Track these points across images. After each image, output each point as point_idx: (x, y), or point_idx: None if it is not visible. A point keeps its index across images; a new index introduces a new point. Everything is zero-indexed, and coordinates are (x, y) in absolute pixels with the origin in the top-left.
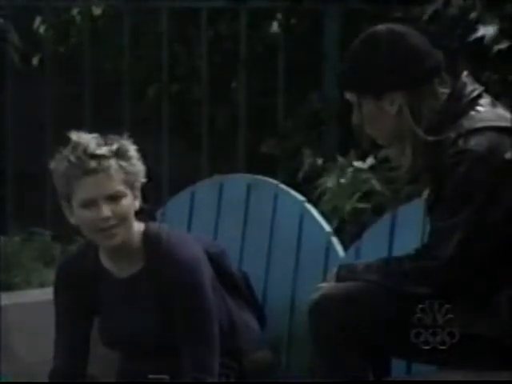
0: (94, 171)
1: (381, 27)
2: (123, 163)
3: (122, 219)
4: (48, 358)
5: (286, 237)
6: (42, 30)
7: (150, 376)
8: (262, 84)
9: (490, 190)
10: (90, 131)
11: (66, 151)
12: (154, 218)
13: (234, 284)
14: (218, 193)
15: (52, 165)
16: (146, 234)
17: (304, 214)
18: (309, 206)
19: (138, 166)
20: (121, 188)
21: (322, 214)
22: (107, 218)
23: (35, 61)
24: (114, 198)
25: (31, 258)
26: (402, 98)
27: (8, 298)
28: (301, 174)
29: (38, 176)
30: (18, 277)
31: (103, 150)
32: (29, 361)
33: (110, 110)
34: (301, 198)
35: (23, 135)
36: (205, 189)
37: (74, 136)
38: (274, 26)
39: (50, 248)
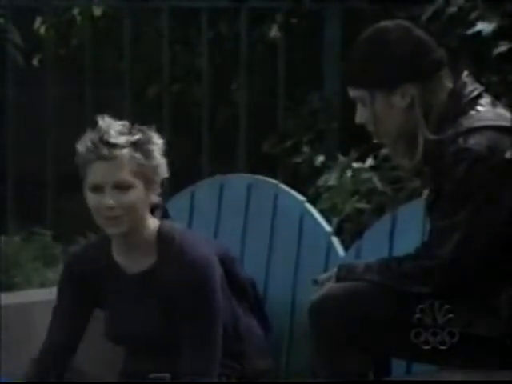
0: (105, 158)
1: (386, 22)
2: (138, 155)
3: (128, 210)
4: None
5: (287, 237)
6: (42, 30)
7: (152, 375)
8: (262, 84)
9: (489, 190)
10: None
11: (90, 134)
12: (167, 216)
13: (240, 289)
14: (218, 193)
15: (77, 145)
16: (160, 232)
17: (304, 214)
18: (309, 206)
19: (157, 161)
20: (129, 178)
21: (321, 211)
22: (111, 207)
23: (35, 61)
24: (122, 187)
25: (31, 258)
26: (414, 89)
27: (8, 298)
28: (302, 170)
29: (38, 176)
30: (17, 277)
31: (119, 139)
32: (29, 361)
33: (111, 110)
34: (301, 197)
35: (24, 135)
36: (205, 189)
37: (101, 121)
38: (275, 27)
39: (50, 248)
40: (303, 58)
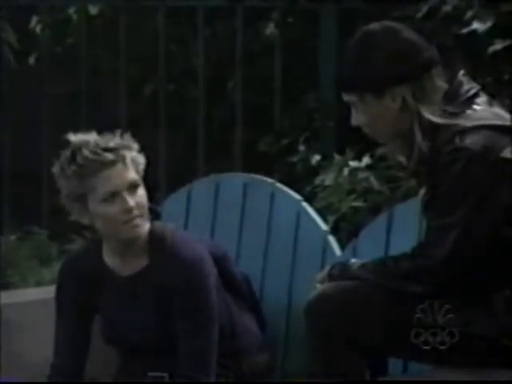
0: (112, 163)
1: (374, 25)
2: (132, 154)
3: (143, 209)
4: (45, 357)
5: (283, 236)
6: (38, 29)
7: (150, 374)
8: (258, 83)
9: (485, 188)
10: (87, 130)
11: (69, 152)
12: (158, 216)
13: (235, 287)
14: (214, 192)
15: (56, 169)
16: (151, 233)
17: (301, 213)
18: (305, 205)
19: (142, 158)
20: (137, 177)
21: (317, 210)
22: (131, 209)
23: (31, 60)
24: (133, 187)
25: (27, 257)
26: (404, 90)
27: (4, 297)
28: (298, 167)
29: (34, 175)
30: (14, 276)
31: (113, 142)
32: (27, 360)
33: (107, 109)
34: (297, 196)
35: (20, 134)
36: (201, 188)
37: (73, 137)
38: (271, 25)
39: (46, 247)
40: (299, 57)
